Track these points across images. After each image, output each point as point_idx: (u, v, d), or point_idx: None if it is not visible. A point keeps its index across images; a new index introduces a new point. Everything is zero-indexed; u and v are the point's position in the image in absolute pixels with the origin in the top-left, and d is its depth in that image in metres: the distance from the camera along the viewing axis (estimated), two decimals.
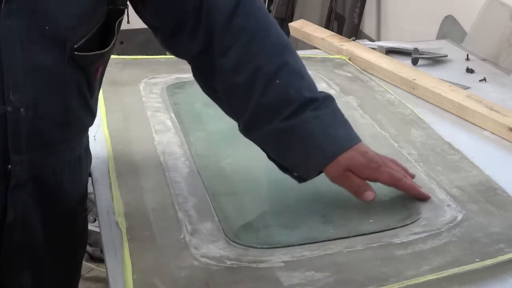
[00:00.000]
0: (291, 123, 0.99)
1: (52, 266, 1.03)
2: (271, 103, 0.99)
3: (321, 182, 1.11)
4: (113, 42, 0.96)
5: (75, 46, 0.90)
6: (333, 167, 0.99)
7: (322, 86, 1.47)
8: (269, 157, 1.06)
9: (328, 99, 1.02)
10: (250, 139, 1.06)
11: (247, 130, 1.04)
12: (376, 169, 1.00)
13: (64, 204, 1.02)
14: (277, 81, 0.99)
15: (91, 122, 1.02)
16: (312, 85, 1.03)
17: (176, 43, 1.04)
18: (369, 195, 0.99)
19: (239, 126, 1.06)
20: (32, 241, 0.99)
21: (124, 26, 1.31)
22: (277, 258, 0.90)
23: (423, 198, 1.03)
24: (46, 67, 0.89)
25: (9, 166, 0.90)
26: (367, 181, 1.00)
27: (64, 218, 1.03)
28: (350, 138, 1.01)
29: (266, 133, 1.01)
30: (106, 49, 0.95)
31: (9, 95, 0.86)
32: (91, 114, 1.01)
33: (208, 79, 1.04)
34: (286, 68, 1.00)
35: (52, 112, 0.92)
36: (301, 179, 1.04)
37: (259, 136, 1.03)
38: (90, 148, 1.13)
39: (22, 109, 0.87)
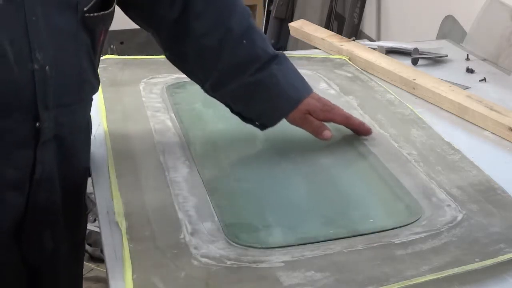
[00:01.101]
0: (259, 77, 1.15)
1: (67, 229, 1.09)
2: (240, 61, 1.15)
3: (321, 182, 1.12)
4: (114, 3, 1.06)
5: (85, 8, 0.99)
6: (295, 112, 1.18)
7: (322, 86, 1.47)
8: (232, 111, 1.21)
9: (284, 56, 1.19)
10: (217, 96, 1.20)
11: (216, 88, 1.18)
12: (329, 111, 1.20)
13: (76, 169, 1.08)
14: (244, 41, 1.14)
15: (96, 88, 1.10)
16: (270, 45, 1.19)
17: (154, 14, 1.15)
18: (327, 133, 1.18)
19: (204, 86, 1.20)
20: (53, 200, 1.05)
21: (124, 26, 1.32)
22: (277, 258, 0.90)
23: (369, 133, 1.23)
24: (62, 28, 0.97)
25: (38, 124, 0.97)
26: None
27: (75, 185, 1.09)
28: (307, 87, 1.20)
29: (235, 88, 1.16)
30: (110, 9, 1.05)
31: (35, 54, 0.93)
32: (96, 79, 1.09)
33: (179, 44, 1.16)
34: (251, 30, 1.16)
35: (70, 70, 1.00)
36: (263, 126, 1.21)
37: (228, 92, 1.17)
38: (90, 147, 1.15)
39: (47, 67, 0.95)
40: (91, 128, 1.14)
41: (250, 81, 1.15)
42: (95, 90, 1.09)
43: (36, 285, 1.11)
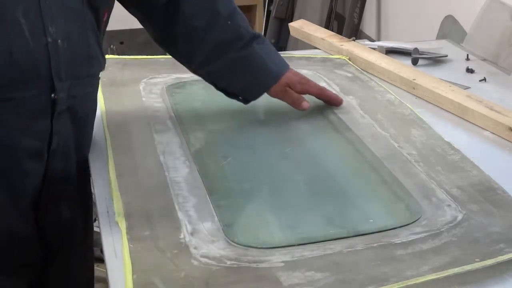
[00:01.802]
0: (243, 54, 1.25)
1: (80, 201, 1.17)
2: (226, 40, 1.25)
3: (322, 182, 1.12)
4: None
5: None
6: (276, 86, 1.29)
7: (322, 86, 1.47)
8: (217, 87, 1.31)
9: (263, 36, 1.30)
10: (203, 74, 1.30)
11: (202, 66, 1.28)
12: (306, 83, 1.32)
13: (86, 142, 1.17)
14: (229, 22, 1.25)
15: (103, 65, 1.17)
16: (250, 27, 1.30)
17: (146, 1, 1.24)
18: (305, 104, 1.30)
19: (190, 66, 1.30)
20: (69, 171, 1.12)
21: (124, 26, 1.32)
22: (277, 258, 0.90)
23: (340, 103, 1.35)
24: (70, 5, 1.05)
25: (53, 95, 1.04)
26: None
27: (84, 159, 1.16)
28: (285, 63, 1.31)
29: (221, 65, 1.26)
30: None
31: (48, 28, 1.01)
32: (102, 56, 1.16)
33: (169, 26, 1.24)
34: (235, 12, 1.27)
35: (79, 45, 1.08)
36: (246, 101, 1.31)
37: (214, 69, 1.27)
38: (91, 148, 1.18)
39: (59, 40, 1.03)
40: (96, 107, 1.20)
41: (235, 58, 1.25)
42: (102, 66, 1.16)
43: (49, 263, 1.16)
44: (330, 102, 1.35)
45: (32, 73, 1.01)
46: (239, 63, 1.26)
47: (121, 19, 1.38)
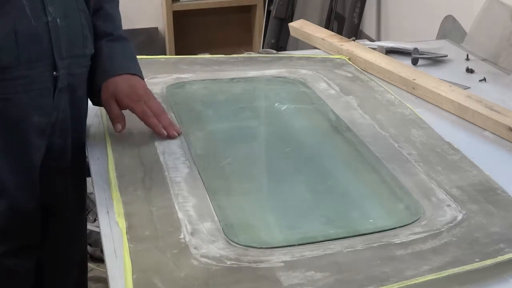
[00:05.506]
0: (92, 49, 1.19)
1: (73, 181, 1.23)
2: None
3: (321, 182, 1.12)
4: None
5: None
6: (103, 91, 1.19)
7: (322, 86, 1.47)
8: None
9: (126, 39, 1.25)
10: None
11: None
12: (135, 101, 1.18)
13: (82, 120, 1.22)
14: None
15: (93, 46, 1.20)
16: (117, 25, 1.25)
17: None
18: (118, 127, 1.18)
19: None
20: (65, 148, 1.18)
21: (124, 26, 1.33)
22: (277, 258, 0.90)
23: (163, 135, 1.18)
24: None
25: (55, 73, 1.11)
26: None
27: (81, 137, 1.22)
28: (127, 68, 1.21)
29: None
30: None
31: (47, 7, 1.09)
32: (92, 37, 1.20)
33: None
34: (100, 10, 1.23)
35: (75, 24, 1.15)
36: (94, 103, 1.24)
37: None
38: (90, 148, 1.19)
39: (58, 19, 1.11)
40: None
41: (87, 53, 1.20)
42: (92, 47, 1.20)
43: (44, 243, 1.22)
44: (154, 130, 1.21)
45: (36, 52, 1.08)
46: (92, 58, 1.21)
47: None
